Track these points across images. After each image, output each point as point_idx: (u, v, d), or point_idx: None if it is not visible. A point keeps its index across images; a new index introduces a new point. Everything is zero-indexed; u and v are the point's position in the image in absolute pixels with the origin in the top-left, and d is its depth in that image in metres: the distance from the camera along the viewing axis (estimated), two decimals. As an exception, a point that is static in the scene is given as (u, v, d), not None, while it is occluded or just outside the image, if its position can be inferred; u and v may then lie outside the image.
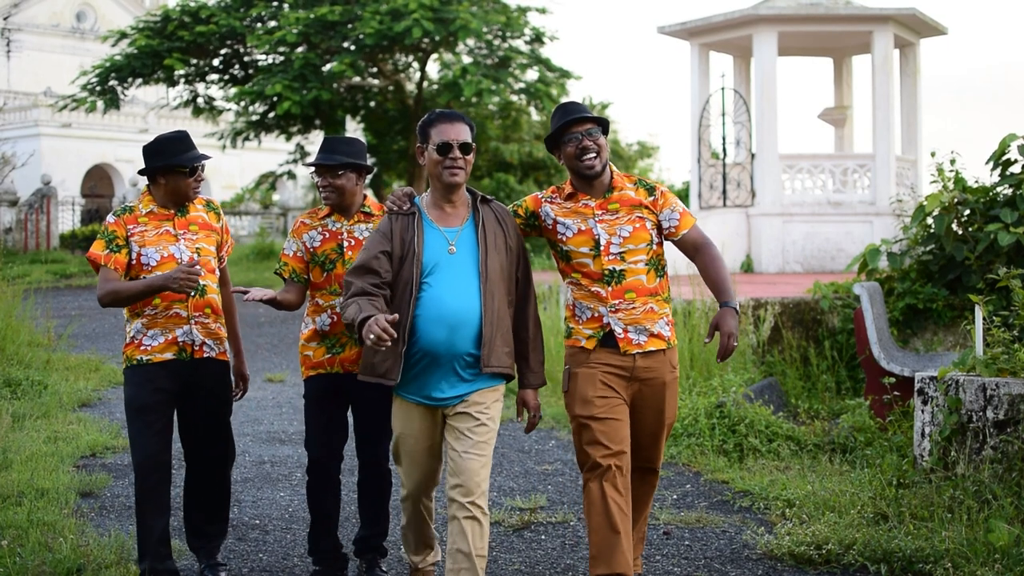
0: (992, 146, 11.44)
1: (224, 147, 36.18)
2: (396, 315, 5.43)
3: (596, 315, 5.92)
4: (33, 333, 16.08)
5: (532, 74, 32.59)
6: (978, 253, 10.90)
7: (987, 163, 11.21)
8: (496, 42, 32.04)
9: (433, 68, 34.33)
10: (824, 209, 22.27)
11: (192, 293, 6.28)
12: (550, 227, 6.01)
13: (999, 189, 11.16)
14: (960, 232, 11.28)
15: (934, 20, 23.57)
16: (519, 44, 32.70)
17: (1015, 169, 11.09)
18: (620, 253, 5.88)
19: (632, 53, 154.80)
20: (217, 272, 6.59)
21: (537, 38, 32.76)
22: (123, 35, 34.09)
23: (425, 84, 33.86)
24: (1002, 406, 7.41)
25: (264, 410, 12.51)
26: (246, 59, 34.33)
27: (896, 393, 9.83)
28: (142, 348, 6.32)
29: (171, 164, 6.34)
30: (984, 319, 8.35)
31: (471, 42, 31.56)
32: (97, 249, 6.33)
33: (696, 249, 6.04)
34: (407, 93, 34.28)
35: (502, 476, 9.28)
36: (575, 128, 5.92)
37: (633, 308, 5.90)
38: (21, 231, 38.94)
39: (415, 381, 5.70)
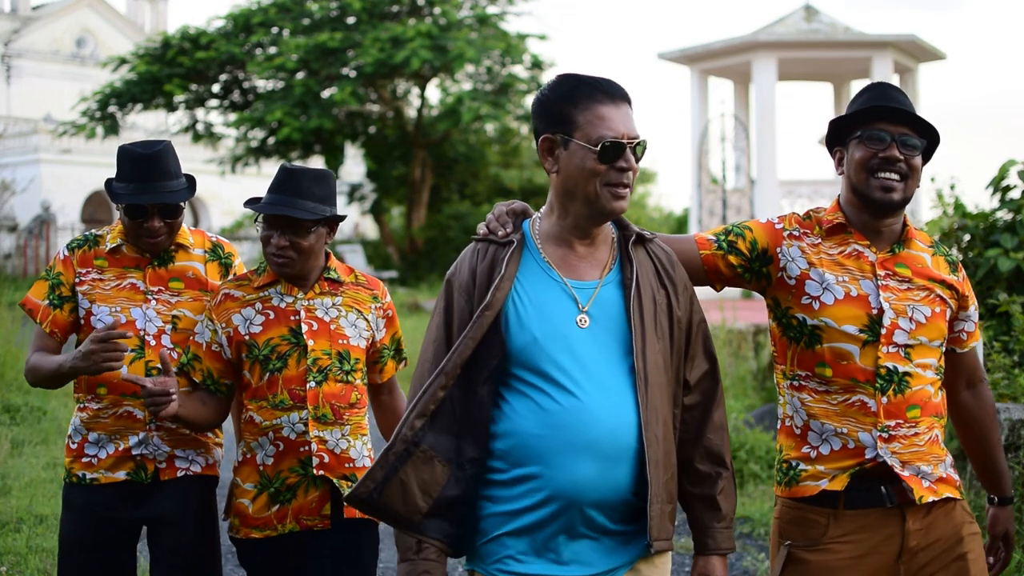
0: (991, 171, 11.47)
1: (223, 173, 36.30)
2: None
3: (855, 445, 3.53)
4: (32, 359, 16.05)
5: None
6: (978, 278, 10.89)
7: (987, 188, 11.22)
8: (496, 68, 32.21)
9: (434, 94, 34.46)
10: (824, 235, 22.26)
11: (118, 368, 4.12)
12: (792, 282, 3.62)
13: (999, 215, 11.15)
14: (960, 257, 11.29)
15: (933, 46, 23.64)
16: (518, 71, 32.88)
17: (1014, 195, 11.11)
18: (907, 346, 3.56)
19: (632, 79, 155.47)
20: None
21: (536, 64, 32.93)
22: (123, 61, 34.30)
23: (425, 110, 33.98)
24: (1003, 431, 7.40)
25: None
26: (245, 85, 34.50)
27: (897, 419, 9.82)
28: (83, 460, 4.33)
29: (116, 201, 4.31)
30: (984, 344, 8.34)
31: (470, 69, 31.73)
32: (36, 296, 4.43)
33: (971, 382, 3.85)
34: (407, 119, 34.39)
35: None
36: (885, 125, 3.59)
37: (915, 435, 3.54)
38: (20, 257, 38.98)
39: (529, 547, 3.19)
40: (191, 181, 4.43)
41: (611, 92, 3.22)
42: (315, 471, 4.10)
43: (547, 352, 3.15)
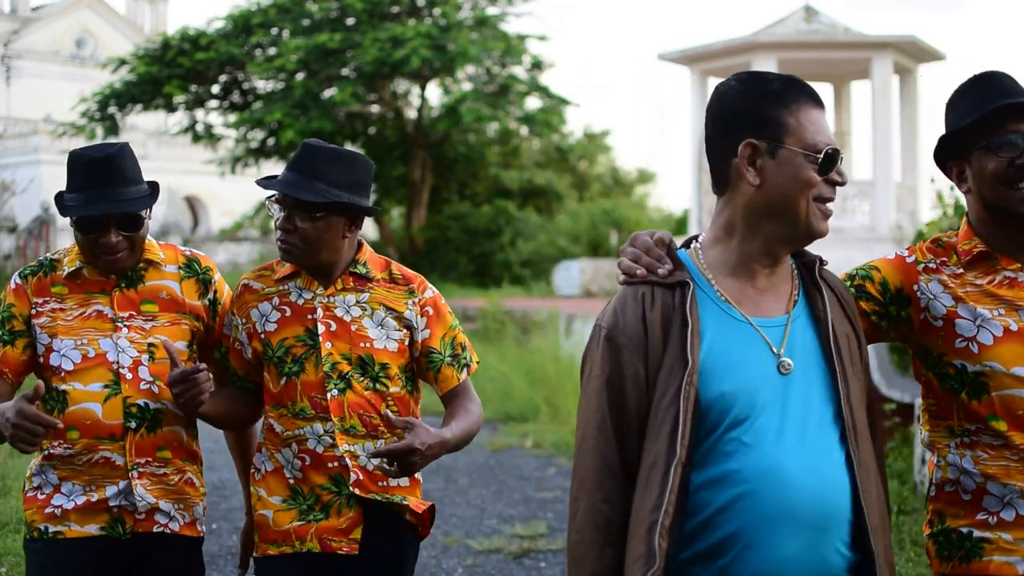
0: (991, 172, 11.43)
1: (223, 174, 36.32)
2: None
3: None
4: (32, 360, 16.04)
5: (532, 101, 32.81)
6: (978, 279, 10.89)
7: (986, 189, 11.21)
8: (496, 69, 32.27)
9: (434, 94, 34.51)
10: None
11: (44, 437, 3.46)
12: (939, 323, 3.01)
13: (998, 215, 11.16)
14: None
15: (932, 46, 23.64)
16: (518, 71, 32.94)
17: (1014, 195, 11.10)
18: None
19: (632, 79, 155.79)
20: None
21: (536, 65, 32.97)
22: (123, 62, 34.33)
23: (425, 111, 34.01)
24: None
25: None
26: (245, 86, 34.53)
27: (896, 419, 9.82)
28: (48, 512, 3.72)
29: (66, 214, 3.67)
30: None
31: (470, 69, 31.79)
32: None
33: None
34: (407, 120, 34.42)
35: (502, 503, 9.26)
36: (1013, 124, 2.96)
37: None
38: (20, 258, 38.98)
39: None
40: (154, 188, 3.78)
41: (815, 95, 2.70)
42: (351, 489, 3.60)
43: (739, 407, 2.54)
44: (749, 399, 2.53)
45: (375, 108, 34.67)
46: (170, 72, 32.89)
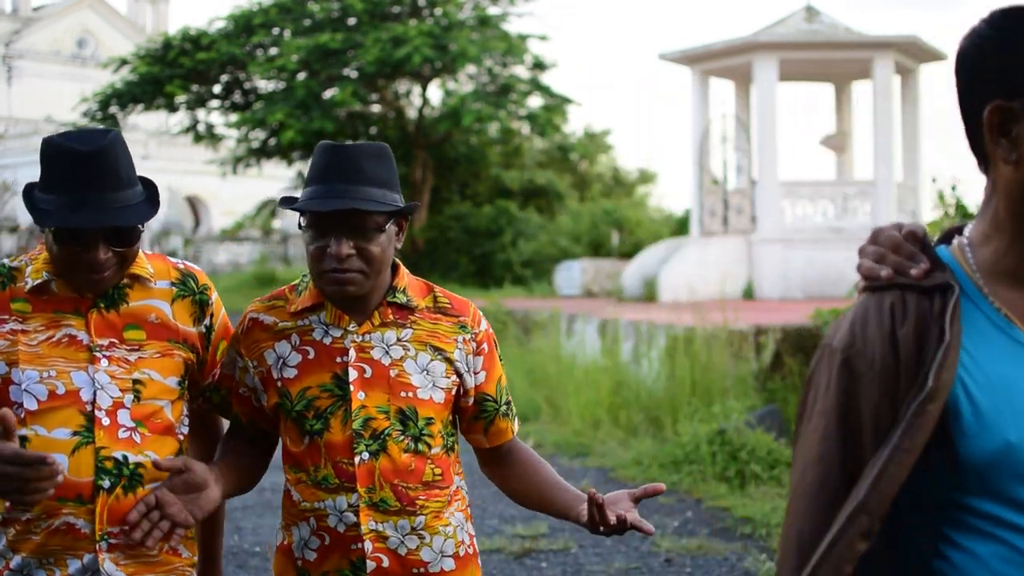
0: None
1: (224, 174, 36.37)
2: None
3: None
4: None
5: (534, 100, 32.85)
6: (979, 279, 10.89)
7: (988, 189, 11.21)
8: (497, 69, 32.30)
9: (435, 94, 34.56)
10: (825, 235, 22.28)
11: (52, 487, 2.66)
12: None
13: (1000, 215, 11.17)
14: None
15: (934, 46, 23.63)
16: (519, 71, 32.99)
17: (1016, 195, 11.11)
18: None
19: (633, 79, 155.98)
20: (181, 427, 3.03)
21: (538, 65, 33.00)
22: (124, 62, 34.41)
23: (426, 111, 34.03)
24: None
25: (264, 437, 12.50)
26: (247, 86, 34.58)
27: (898, 420, 9.82)
28: None
29: (42, 224, 2.82)
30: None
31: (472, 69, 31.84)
32: None
33: None
34: (408, 120, 34.44)
35: (502, 503, 9.25)
36: None
37: None
38: (22, 258, 39.05)
39: None
40: (151, 189, 2.94)
41: None
42: None
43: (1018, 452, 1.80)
44: None
45: (376, 108, 34.70)
46: (171, 72, 32.95)
